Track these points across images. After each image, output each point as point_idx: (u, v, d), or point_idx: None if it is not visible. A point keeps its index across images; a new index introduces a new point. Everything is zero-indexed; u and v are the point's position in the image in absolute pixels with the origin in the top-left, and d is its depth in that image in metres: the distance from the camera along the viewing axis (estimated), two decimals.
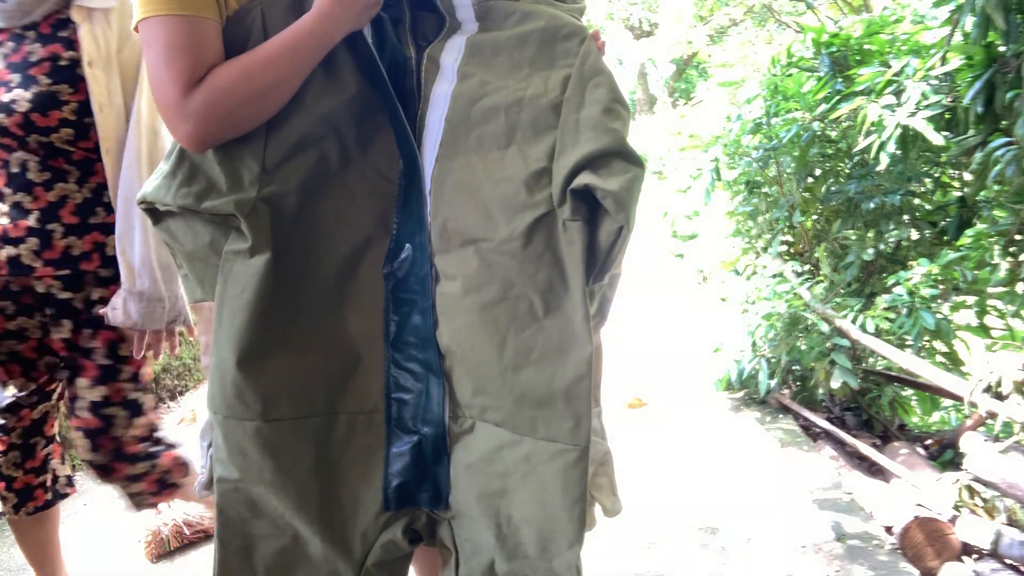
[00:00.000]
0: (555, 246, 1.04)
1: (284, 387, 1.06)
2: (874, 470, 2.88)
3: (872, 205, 3.14)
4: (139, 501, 1.87)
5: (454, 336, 1.08)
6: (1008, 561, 2.17)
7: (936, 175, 3.26)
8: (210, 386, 1.07)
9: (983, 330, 2.90)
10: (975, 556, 2.24)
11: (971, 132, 2.62)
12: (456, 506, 1.13)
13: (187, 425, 3.45)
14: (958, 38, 2.66)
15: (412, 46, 1.11)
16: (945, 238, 3.10)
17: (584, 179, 1.00)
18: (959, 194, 3.12)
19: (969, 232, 2.88)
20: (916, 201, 3.24)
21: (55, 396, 1.82)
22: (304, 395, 1.08)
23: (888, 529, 2.40)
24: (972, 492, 2.38)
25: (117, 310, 1.61)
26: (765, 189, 3.84)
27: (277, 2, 1.06)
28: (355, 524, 1.12)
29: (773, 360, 3.32)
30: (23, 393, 1.76)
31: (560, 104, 1.05)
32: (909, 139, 2.75)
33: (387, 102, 1.08)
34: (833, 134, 3.49)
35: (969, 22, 2.49)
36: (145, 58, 1.04)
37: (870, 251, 3.19)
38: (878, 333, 2.92)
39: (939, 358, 3.03)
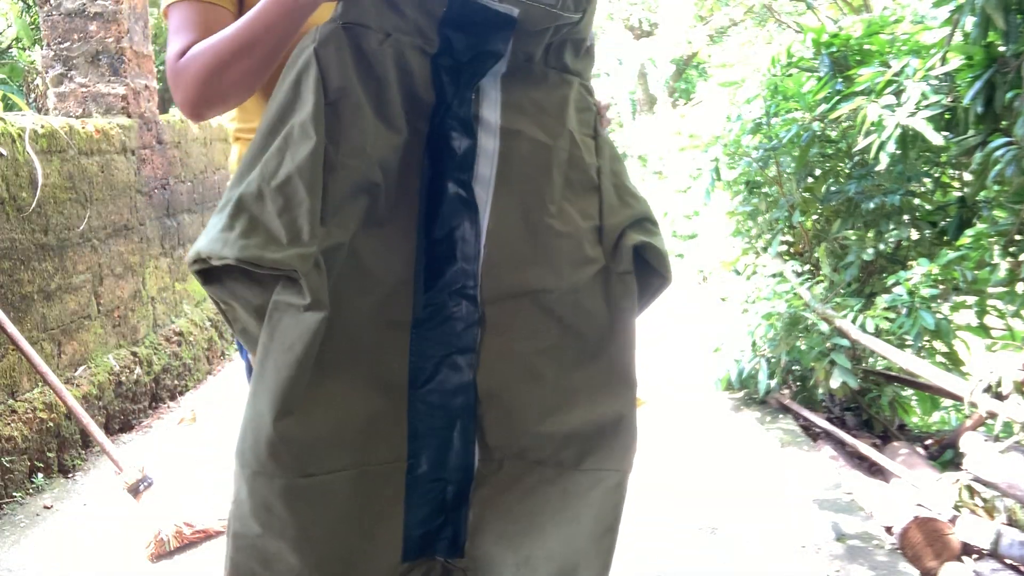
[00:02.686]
0: (609, 296, 1.14)
1: (318, 442, 1.04)
2: (874, 470, 2.88)
3: (872, 205, 3.14)
4: None
5: (501, 381, 1.10)
6: (1008, 561, 2.17)
7: (936, 175, 3.26)
8: (242, 441, 1.04)
9: (983, 330, 2.90)
10: (975, 556, 2.24)
11: (971, 132, 2.62)
12: (472, 553, 1.13)
13: (187, 425, 3.45)
14: (958, 38, 2.66)
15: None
16: (945, 238, 3.10)
17: (638, 237, 1.13)
18: (959, 194, 3.12)
19: (969, 232, 2.88)
20: (916, 201, 3.23)
21: None
22: (335, 449, 1.06)
23: (888, 529, 2.40)
24: (972, 492, 2.38)
25: None
26: (765, 189, 3.83)
27: None
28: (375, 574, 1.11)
29: (773, 360, 3.32)
30: None
31: (598, 169, 1.17)
32: (909, 139, 2.75)
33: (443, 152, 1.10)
34: (833, 134, 3.49)
35: (969, 22, 2.49)
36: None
37: (870, 251, 3.18)
38: (878, 333, 2.92)
39: (939, 358, 3.03)
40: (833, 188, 3.47)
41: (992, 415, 2.41)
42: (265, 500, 1.03)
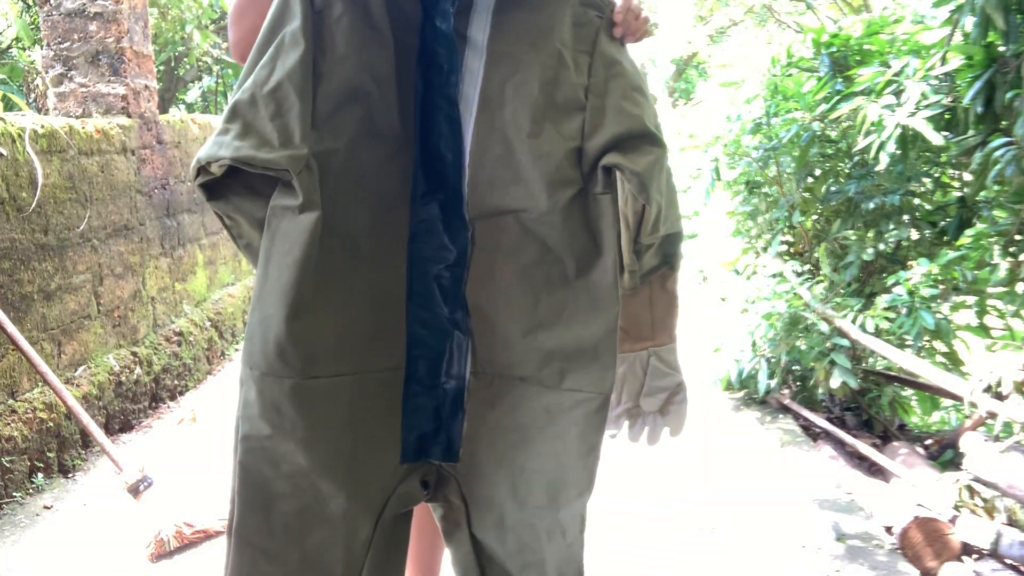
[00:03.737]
0: (588, 217, 1.14)
1: (322, 346, 1.08)
2: (874, 470, 2.88)
3: (872, 205, 3.14)
4: None
5: (488, 296, 1.14)
6: (1008, 561, 2.17)
7: (936, 175, 3.26)
8: (249, 343, 1.08)
9: (983, 330, 2.90)
10: (975, 556, 2.24)
11: (971, 132, 2.62)
12: (467, 459, 1.17)
13: (187, 425, 3.45)
14: (958, 38, 2.66)
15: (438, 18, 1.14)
16: (945, 238, 3.10)
17: (612, 159, 1.10)
18: (959, 194, 3.12)
19: (969, 232, 2.88)
20: (916, 201, 3.23)
21: None
22: (338, 354, 1.10)
23: (888, 529, 2.40)
24: (972, 492, 2.38)
25: None
26: (765, 189, 3.83)
27: None
28: (377, 478, 1.15)
29: (773, 360, 3.32)
30: None
31: (587, 87, 1.13)
32: (909, 139, 2.75)
33: (428, 71, 1.13)
34: (833, 134, 3.49)
35: (969, 22, 2.49)
36: None
37: (870, 251, 3.18)
38: (878, 333, 2.92)
39: (939, 358, 3.03)
40: (833, 188, 3.47)
41: (992, 415, 2.41)
42: (275, 400, 1.07)
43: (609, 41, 1.15)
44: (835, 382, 2.94)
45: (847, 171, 3.47)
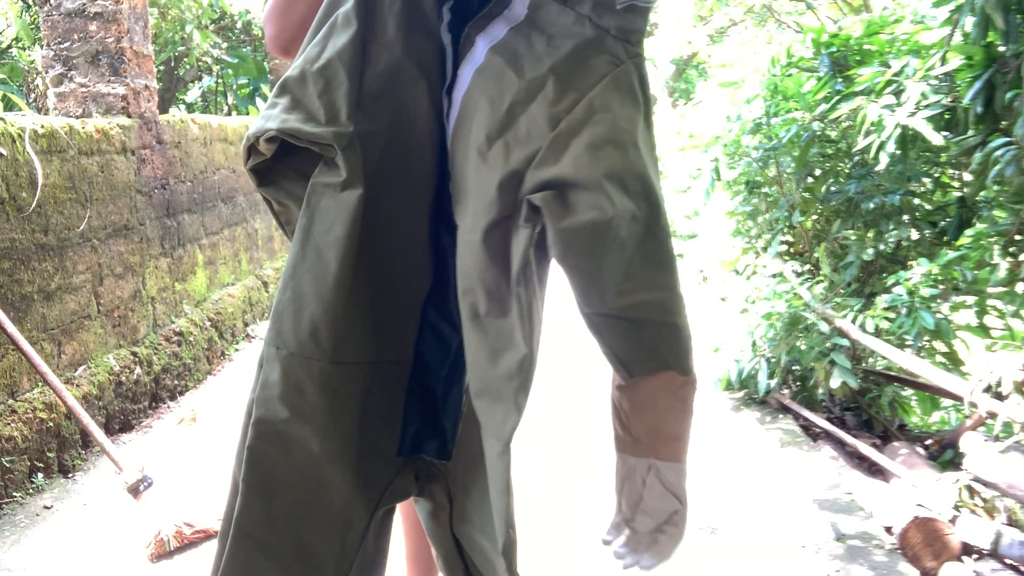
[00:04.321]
0: (507, 250, 1.04)
1: (352, 331, 1.07)
2: (874, 470, 2.88)
3: (872, 205, 3.14)
4: None
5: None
6: (1008, 561, 2.17)
7: (936, 175, 3.26)
8: (277, 321, 1.07)
9: (983, 330, 2.90)
10: (975, 556, 2.24)
11: (971, 132, 2.62)
12: (457, 459, 1.18)
13: (187, 425, 3.45)
14: (958, 38, 2.66)
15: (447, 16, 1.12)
16: (945, 238, 3.10)
17: (540, 199, 1.00)
18: (959, 194, 3.12)
19: (969, 232, 2.88)
20: (916, 201, 3.23)
21: None
22: (364, 341, 1.10)
23: (888, 529, 2.40)
24: (972, 492, 2.38)
25: None
26: (765, 189, 3.83)
27: None
28: (377, 469, 1.15)
29: (773, 360, 3.32)
30: None
31: (560, 119, 1.02)
32: (909, 139, 2.75)
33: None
34: (833, 134, 3.49)
35: (969, 22, 2.49)
36: None
37: (870, 251, 3.18)
38: (878, 333, 2.92)
39: (939, 358, 3.03)
40: (833, 188, 3.47)
41: (992, 415, 2.41)
42: (299, 382, 1.06)
43: (614, 90, 1.04)
44: (835, 382, 2.94)
45: (847, 171, 3.47)
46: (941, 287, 2.80)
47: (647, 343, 1.07)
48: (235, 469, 1.11)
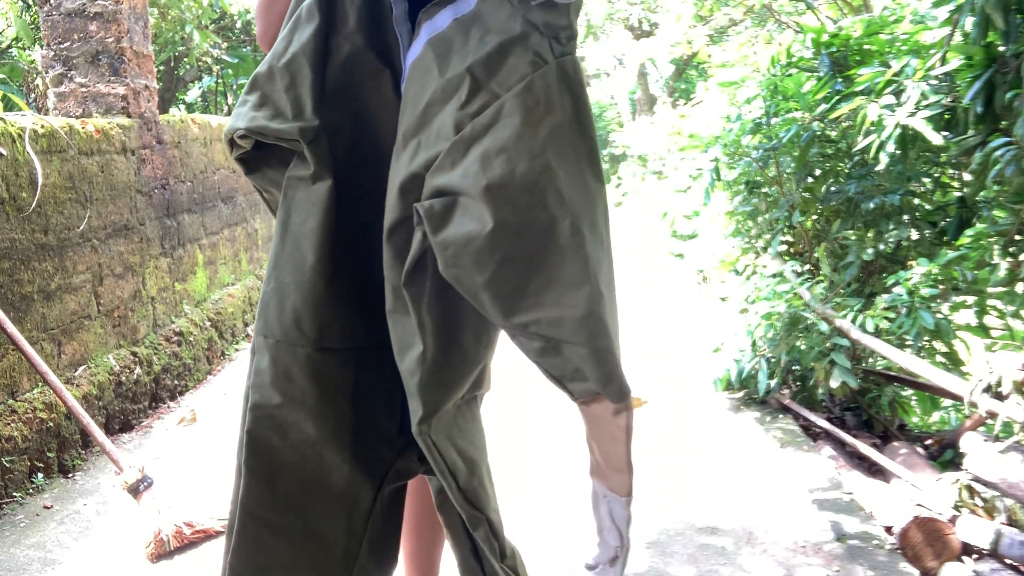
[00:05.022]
0: (403, 248, 1.05)
1: (336, 317, 1.10)
2: (874, 470, 2.88)
3: (872, 205, 3.14)
4: None
5: None
6: (1008, 561, 2.17)
7: (936, 175, 3.26)
8: (264, 311, 1.10)
9: (983, 330, 2.90)
10: (975, 556, 2.24)
11: (971, 132, 2.62)
12: None
13: (187, 425, 3.45)
14: (958, 38, 2.66)
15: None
16: (945, 238, 3.10)
17: (424, 207, 1.00)
18: (959, 194, 3.12)
19: (969, 232, 2.88)
20: (916, 201, 3.23)
21: None
22: (350, 326, 1.12)
23: (888, 529, 2.40)
24: (972, 492, 2.38)
25: None
26: (765, 189, 3.83)
27: None
28: (378, 449, 1.17)
29: (773, 360, 3.32)
30: None
31: (464, 124, 1.00)
32: (909, 139, 2.75)
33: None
34: (833, 134, 3.49)
35: (969, 22, 2.49)
36: None
37: (870, 251, 3.18)
38: (878, 333, 2.92)
39: (939, 358, 3.03)
40: (833, 188, 3.47)
41: (992, 415, 2.41)
42: (287, 369, 1.09)
43: (529, 94, 1.00)
44: (835, 382, 2.94)
45: (847, 171, 3.47)
46: (941, 287, 2.80)
47: (570, 362, 1.04)
48: (238, 454, 1.13)
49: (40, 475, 2.79)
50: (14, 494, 2.66)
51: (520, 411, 3.36)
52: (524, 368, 1.22)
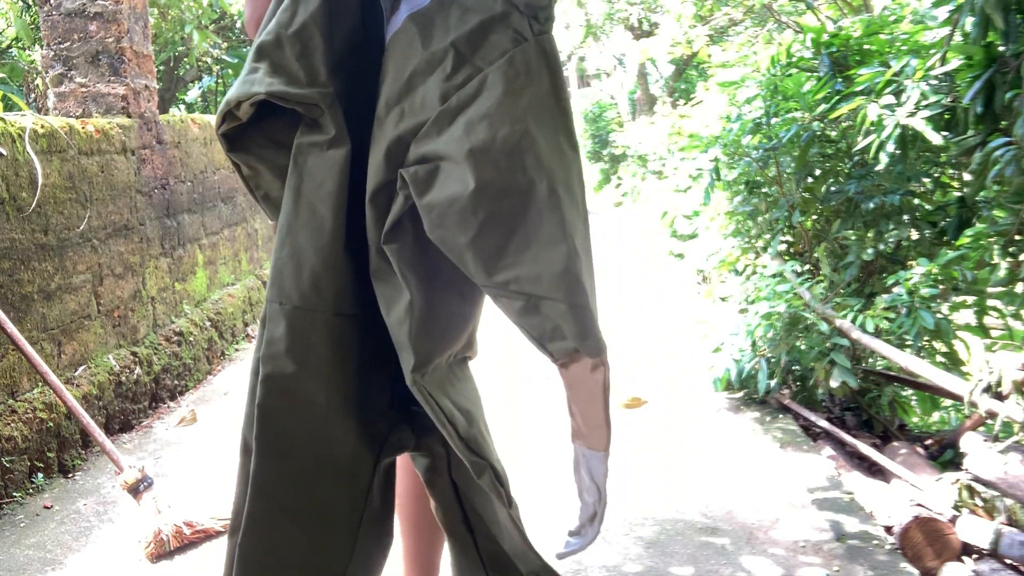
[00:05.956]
0: (383, 211, 1.09)
1: (347, 283, 1.11)
2: (874, 470, 2.88)
3: (872, 205, 3.14)
4: None
5: None
6: (1008, 561, 2.17)
7: (936, 175, 3.26)
8: (278, 278, 1.09)
9: (983, 330, 2.90)
10: (975, 556, 2.24)
11: (971, 132, 2.62)
12: None
13: (187, 425, 3.45)
14: (958, 38, 2.66)
15: None
16: (945, 238, 3.10)
17: (409, 173, 1.04)
18: (959, 194, 3.12)
19: (969, 232, 2.88)
20: (916, 201, 3.23)
21: None
22: (359, 291, 1.12)
23: (888, 529, 2.40)
24: (972, 492, 2.38)
25: None
26: (765, 189, 3.83)
27: None
28: (375, 421, 1.17)
29: (773, 360, 3.32)
30: None
31: (451, 94, 1.05)
32: (909, 139, 2.75)
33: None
34: (833, 134, 3.49)
35: (969, 22, 2.49)
36: None
37: (870, 251, 3.18)
38: (878, 333, 2.92)
39: (939, 358, 3.03)
40: (833, 188, 3.47)
41: (992, 415, 2.41)
42: (305, 336, 1.08)
43: (511, 67, 1.05)
44: (835, 382, 2.94)
45: (847, 171, 3.47)
46: (941, 287, 2.80)
47: (549, 320, 1.07)
48: (245, 430, 1.12)
49: (40, 475, 2.79)
50: (14, 494, 2.66)
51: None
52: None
